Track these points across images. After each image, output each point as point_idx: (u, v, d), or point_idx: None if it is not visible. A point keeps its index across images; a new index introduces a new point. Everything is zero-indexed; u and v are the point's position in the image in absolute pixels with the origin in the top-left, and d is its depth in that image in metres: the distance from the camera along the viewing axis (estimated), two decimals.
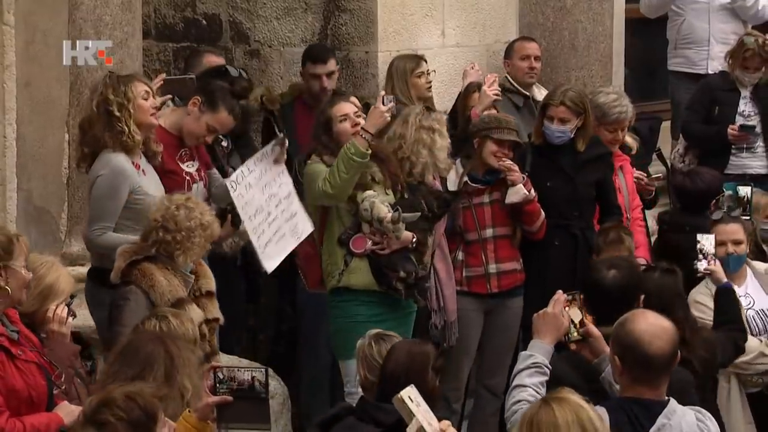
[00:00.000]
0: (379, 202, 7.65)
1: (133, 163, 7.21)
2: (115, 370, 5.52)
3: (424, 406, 4.60)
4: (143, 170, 7.28)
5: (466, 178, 8.21)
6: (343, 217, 7.77)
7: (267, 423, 5.39)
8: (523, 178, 8.20)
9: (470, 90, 8.96)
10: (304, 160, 7.93)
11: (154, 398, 4.63)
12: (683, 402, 5.78)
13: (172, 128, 7.69)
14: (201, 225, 6.73)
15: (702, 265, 7.66)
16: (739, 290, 7.90)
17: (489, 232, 8.36)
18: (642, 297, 6.41)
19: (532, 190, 8.22)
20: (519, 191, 8.16)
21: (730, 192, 9.23)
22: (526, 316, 8.13)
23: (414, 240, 7.76)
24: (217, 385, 5.50)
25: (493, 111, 8.66)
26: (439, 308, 8.15)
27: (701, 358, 6.91)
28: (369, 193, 7.69)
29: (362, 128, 7.61)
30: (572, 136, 8.45)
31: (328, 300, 7.89)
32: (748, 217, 8.98)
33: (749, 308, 7.91)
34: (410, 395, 4.62)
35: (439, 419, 4.97)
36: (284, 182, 7.88)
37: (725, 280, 7.58)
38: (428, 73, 8.99)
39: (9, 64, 7.26)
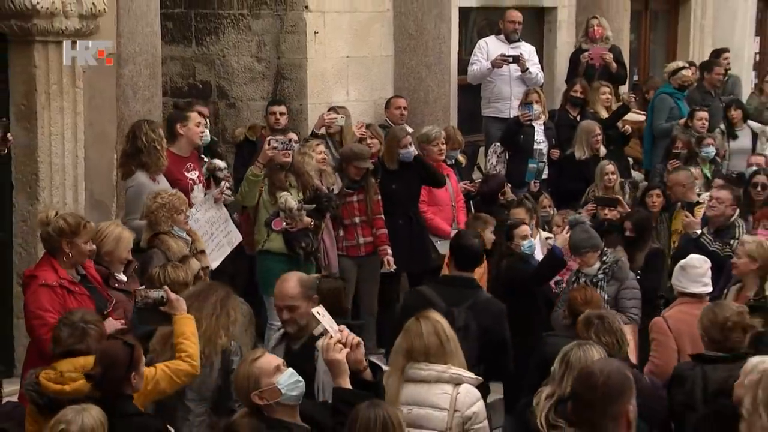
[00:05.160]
0: (290, 198, 7.62)
1: (152, 178, 7.07)
2: (193, 288, 5.51)
3: (328, 317, 4.39)
4: (158, 180, 7.10)
5: (341, 184, 8.22)
6: (267, 207, 7.69)
7: (170, 322, 5.22)
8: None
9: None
10: None
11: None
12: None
13: (179, 152, 7.50)
14: (176, 197, 6.72)
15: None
16: None
17: (357, 219, 8.28)
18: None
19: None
20: None
21: (534, 165, 9.62)
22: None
23: (311, 223, 7.71)
24: (137, 300, 5.40)
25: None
26: (326, 264, 8.09)
27: None
28: (284, 193, 7.64)
29: (256, 159, 7.58)
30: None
31: (256, 258, 7.87)
32: (539, 181, 9.40)
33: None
34: (318, 311, 4.43)
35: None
36: (223, 212, 7.66)
37: (555, 244, 7.43)
38: (342, 116, 8.83)
39: (79, 112, 6.99)
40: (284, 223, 7.60)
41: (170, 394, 5.04)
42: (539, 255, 7.86)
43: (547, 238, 8.23)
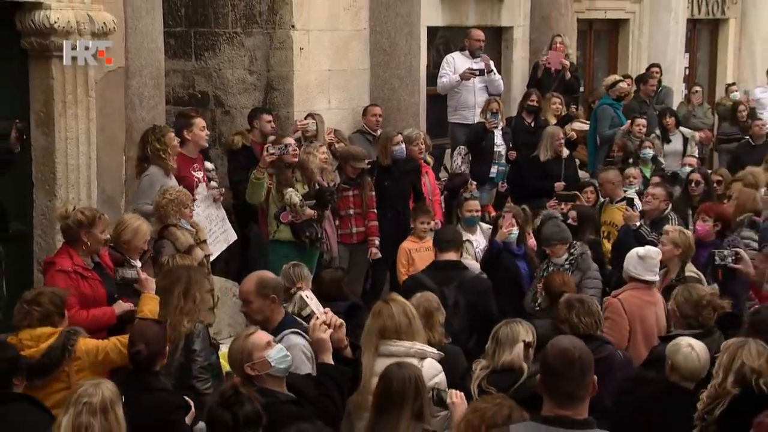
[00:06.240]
0: (294, 195, 7.66)
1: (165, 173, 7.10)
2: (160, 282, 5.54)
3: (315, 300, 4.42)
4: (170, 175, 7.12)
5: (339, 180, 8.26)
6: (276, 202, 7.74)
7: (138, 297, 5.39)
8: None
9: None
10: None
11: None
12: None
13: (188, 153, 7.52)
14: (183, 193, 6.73)
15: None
16: (472, 237, 7.91)
17: (351, 211, 8.36)
18: None
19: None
20: None
21: (504, 167, 9.74)
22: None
23: (315, 214, 7.77)
24: (116, 277, 5.66)
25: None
26: (327, 250, 8.14)
27: None
28: (290, 189, 7.70)
29: (258, 164, 7.61)
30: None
31: (269, 246, 7.88)
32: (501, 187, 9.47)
33: (477, 248, 7.92)
34: (306, 294, 4.45)
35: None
36: (221, 212, 7.69)
37: (496, 239, 7.38)
38: (313, 121, 8.74)
39: (92, 118, 6.94)
40: (290, 216, 7.68)
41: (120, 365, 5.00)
42: (483, 244, 7.87)
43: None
